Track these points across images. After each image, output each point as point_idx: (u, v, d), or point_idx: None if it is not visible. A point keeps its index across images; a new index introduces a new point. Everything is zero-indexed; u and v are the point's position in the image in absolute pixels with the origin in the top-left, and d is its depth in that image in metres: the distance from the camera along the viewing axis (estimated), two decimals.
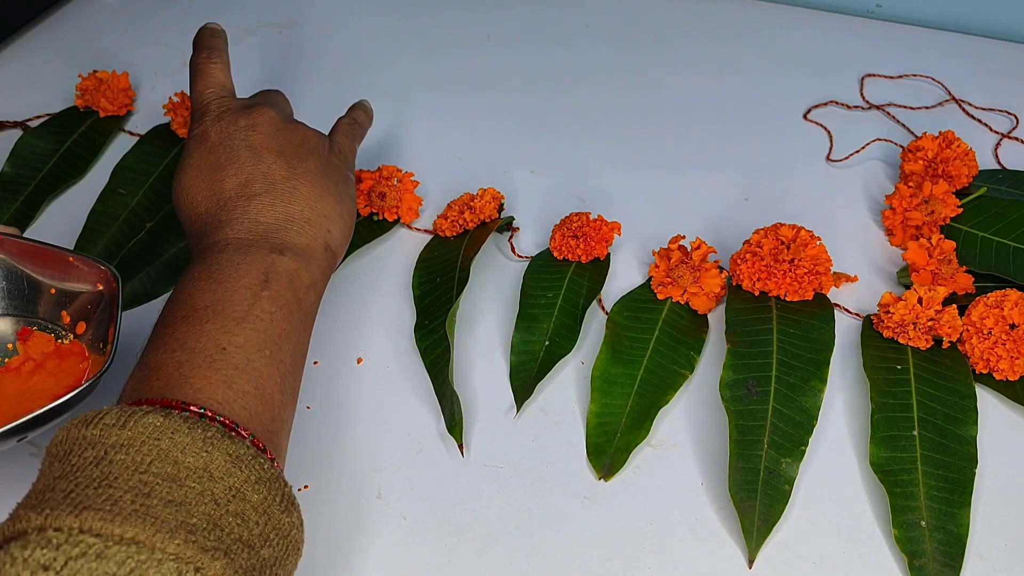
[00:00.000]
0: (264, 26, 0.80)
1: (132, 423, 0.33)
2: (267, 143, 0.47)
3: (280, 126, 0.49)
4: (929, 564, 0.41)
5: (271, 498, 0.34)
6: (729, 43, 0.78)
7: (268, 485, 0.34)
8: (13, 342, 0.45)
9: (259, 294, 0.40)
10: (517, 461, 0.46)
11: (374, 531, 0.43)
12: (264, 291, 0.41)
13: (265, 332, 0.39)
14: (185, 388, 0.36)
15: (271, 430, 0.38)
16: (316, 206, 0.46)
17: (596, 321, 0.53)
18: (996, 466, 0.45)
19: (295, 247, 0.44)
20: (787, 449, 0.44)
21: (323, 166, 0.49)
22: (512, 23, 0.80)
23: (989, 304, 0.49)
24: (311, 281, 0.44)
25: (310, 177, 0.47)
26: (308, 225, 0.45)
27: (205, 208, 0.46)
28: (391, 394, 0.49)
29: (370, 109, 0.59)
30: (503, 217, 0.58)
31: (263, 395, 0.38)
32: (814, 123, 0.69)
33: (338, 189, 0.49)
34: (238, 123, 0.48)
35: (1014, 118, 0.68)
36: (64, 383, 0.44)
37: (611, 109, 0.70)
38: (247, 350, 0.38)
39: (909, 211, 0.57)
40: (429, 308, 0.53)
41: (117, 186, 0.61)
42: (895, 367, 0.48)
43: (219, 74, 0.51)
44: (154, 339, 0.39)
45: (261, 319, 0.40)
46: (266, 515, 0.33)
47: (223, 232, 0.44)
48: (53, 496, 0.30)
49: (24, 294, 0.46)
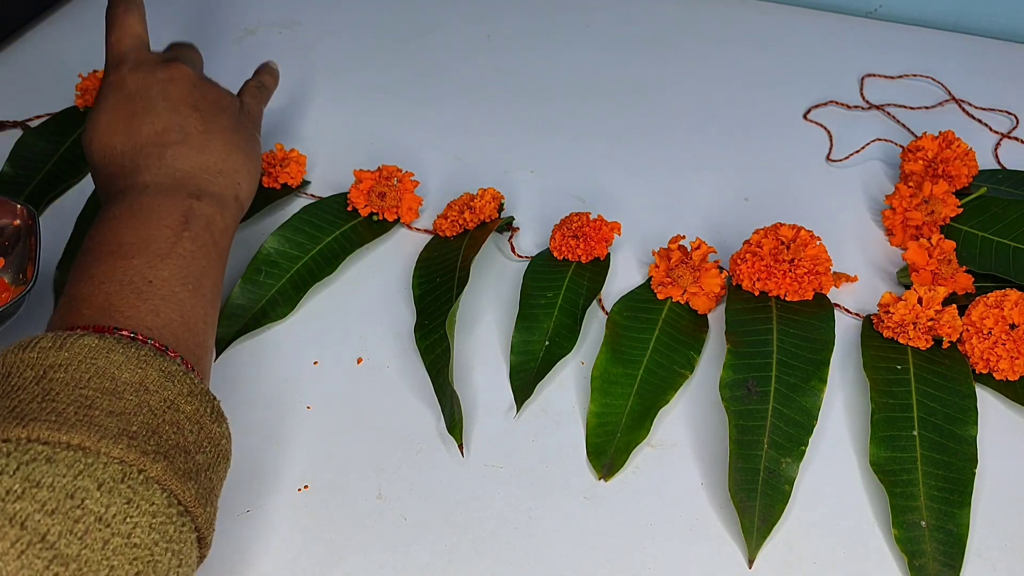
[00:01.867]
0: (264, 26, 0.80)
1: (68, 344, 0.35)
2: (184, 97, 0.50)
3: (196, 83, 0.52)
4: (929, 564, 0.41)
5: (202, 410, 0.36)
6: (729, 43, 0.78)
7: (199, 398, 0.36)
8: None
9: (180, 234, 0.43)
10: (517, 461, 0.46)
11: (374, 531, 0.43)
12: (185, 231, 0.44)
13: (188, 268, 0.42)
14: (116, 316, 0.39)
15: (197, 355, 0.41)
16: (228, 159, 0.50)
17: (596, 321, 0.53)
18: (996, 466, 0.45)
19: (210, 194, 0.47)
20: (787, 449, 0.44)
21: (234, 123, 0.52)
22: (512, 23, 0.80)
23: (989, 304, 0.49)
24: (225, 226, 0.47)
25: (223, 132, 0.51)
26: (221, 176, 0.49)
27: (121, 151, 0.48)
28: (391, 394, 0.49)
29: (276, 71, 0.62)
30: (503, 217, 0.58)
31: (188, 324, 0.41)
32: (814, 123, 0.69)
33: (248, 146, 0.52)
34: (156, 75, 0.50)
35: (1014, 118, 0.68)
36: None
37: (611, 109, 0.70)
38: (172, 283, 0.41)
39: (909, 211, 0.57)
40: (429, 308, 0.53)
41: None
42: (895, 367, 0.48)
43: (136, 25, 0.52)
44: (80, 272, 0.42)
45: (183, 256, 0.43)
46: (199, 424, 0.36)
47: (141, 176, 0.47)
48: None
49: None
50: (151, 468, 0.32)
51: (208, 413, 0.37)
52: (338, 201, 0.60)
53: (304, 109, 0.70)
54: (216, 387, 0.49)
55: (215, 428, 0.37)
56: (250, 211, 0.59)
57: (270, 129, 0.67)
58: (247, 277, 0.54)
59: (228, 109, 0.52)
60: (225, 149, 0.50)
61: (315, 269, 0.55)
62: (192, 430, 0.35)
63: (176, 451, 0.34)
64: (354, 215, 0.59)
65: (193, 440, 0.35)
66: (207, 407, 0.37)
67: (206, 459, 0.36)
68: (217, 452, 0.37)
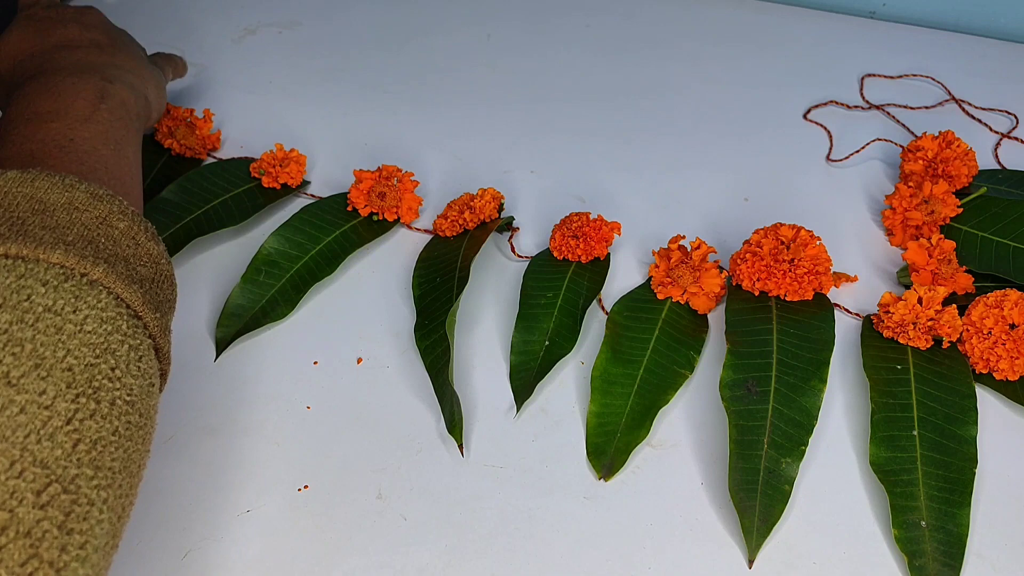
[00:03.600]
0: (264, 26, 0.80)
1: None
2: (95, 24, 0.53)
3: (109, 23, 0.55)
4: (929, 564, 0.41)
5: (136, 228, 0.37)
6: (729, 43, 0.78)
7: (131, 218, 0.37)
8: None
9: (98, 106, 0.44)
10: (517, 461, 0.46)
11: (374, 531, 0.43)
12: (102, 104, 0.44)
13: (108, 133, 0.43)
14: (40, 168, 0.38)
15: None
16: (137, 71, 0.51)
17: (596, 321, 0.53)
18: (996, 466, 0.45)
19: (123, 82, 0.48)
20: (787, 449, 0.44)
21: (142, 56, 0.55)
22: (512, 23, 0.80)
23: (989, 304, 0.49)
24: (138, 112, 0.48)
25: (132, 53, 0.53)
26: (132, 75, 0.50)
27: (30, 53, 0.49)
28: (391, 394, 0.49)
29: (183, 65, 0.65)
30: (503, 217, 0.58)
31: (113, 175, 0.41)
32: (814, 123, 0.69)
33: (154, 75, 0.54)
34: (67, 10, 0.53)
35: (1014, 118, 0.68)
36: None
37: (611, 109, 0.70)
38: (94, 142, 0.42)
39: (909, 211, 0.57)
40: (429, 308, 0.53)
41: None
42: (895, 367, 0.48)
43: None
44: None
45: (102, 122, 0.43)
46: (135, 241, 0.36)
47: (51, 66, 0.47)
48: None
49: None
50: (92, 271, 0.33)
51: (143, 231, 0.37)
52: (338, 201, 0.60)
53: (304, 109, 0.70)
54: (216, 387, 0.49)
55: (152, 246, 0.37)
56: (250, 211, 0.59)
57: (270, 129, 0.67)
58: (247, 277, 0.54)
59: (134, 45, 0.55)
60: (134, 63, 0.52)
61: (315, 269, 0.55)
62: (129, 245, 0.36)
63: (115, 259, 0.34)
64: (354, 215, 0.59)
65: (132, 254, 0.36)
66: (141, 227, 0.37)
67: (147, 274, 0.36)
68: (158, 271, 0.37)
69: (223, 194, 0.60)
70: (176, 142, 0.63)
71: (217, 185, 0.60)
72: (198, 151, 0.64)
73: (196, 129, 0.64)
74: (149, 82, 0.53)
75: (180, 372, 0.42)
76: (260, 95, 0.71)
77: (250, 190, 0.61)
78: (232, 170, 0.62)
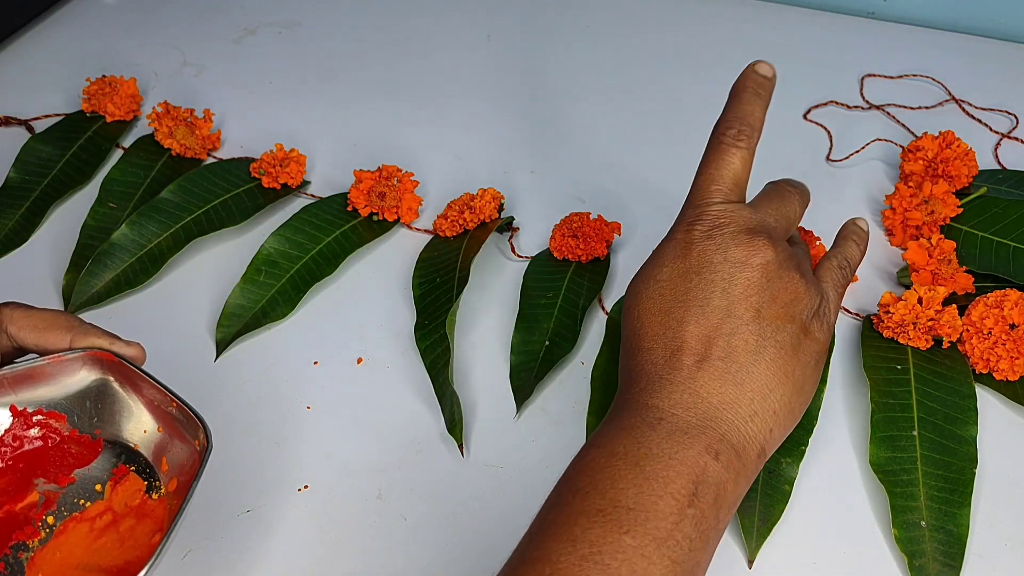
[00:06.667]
0: (264, 26, 0.80)
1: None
2: (748, 294, 0.39)
3: (772, 275, 0.39)
4: (929, 564, 0.41)
5: None
6: (729, 43, 0.78)
7: None
8: (104, 482, 0.40)
9: (684, 511, 0.34)
10: (517, 461, 0.46)
11: (374, 531, 0.43)
12: (690, 508, 0.34)
13: (680, 565, 0.34)
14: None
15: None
16: (769, 397, 0.38)
17: (596, 321, 0.53)
18: (996, 466, 0.45)
19: (731, 449, 0.36)
20: (787, 449, 0.44)
21: (797, 340, 0.39)
22: (512, 23, 0.80)
23: (989, 304, 0.49)
24: (735, 499, 0.37)
25: (778, 355, 0.38)
26: (752, 421, 0.37)
27: (649, 345, 0.39)
28: (391, 394, 0.49)
29: (865, 233, 0.48)
30: (503, 217, 0.58)
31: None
32: (814, 123, 0.69)
33: (803, 374, 0.39)
34: (727, 253, 0.40)
35: (1014, 118, 0.68)
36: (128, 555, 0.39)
37: (611, 109, 0.70)
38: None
39: (909, 211, 0.57)
40: (429, 308, 0.53)
41: (107, 199, 0.60)
42: (895, 367, 0.48)
43: (738, 163, 0.44)
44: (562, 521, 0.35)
45: (680, 546, 0.34)
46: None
47: (660, 396, 0.38)
48: None
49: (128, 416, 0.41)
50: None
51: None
52: (338, 201, 0.60)
53: (304, 109, 0.70)
54: (216, 387, 0.49)
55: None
56: (250, 211, 0.59)
57: (270, 129, 0.67)
58: (247, 277, 0.54)
59: (797, 318, 0.39)
60: (771, 381, 0.38)
61: (315, 269, 0.55)
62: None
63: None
64: (354, 215, 0.59)
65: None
66: None
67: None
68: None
69: (223, 194, 0.60)
70: (176, 142, 0.63)
71: (217, 185, 0.60)
72: (198, 151, 0.64)
73: (196, 129, 0.64)
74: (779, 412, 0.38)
75: (180, 372, 0.42)
76: (260, 95, 0.71)
77: (250, 190, 0.61)
78: (232, 170, 0.62)
